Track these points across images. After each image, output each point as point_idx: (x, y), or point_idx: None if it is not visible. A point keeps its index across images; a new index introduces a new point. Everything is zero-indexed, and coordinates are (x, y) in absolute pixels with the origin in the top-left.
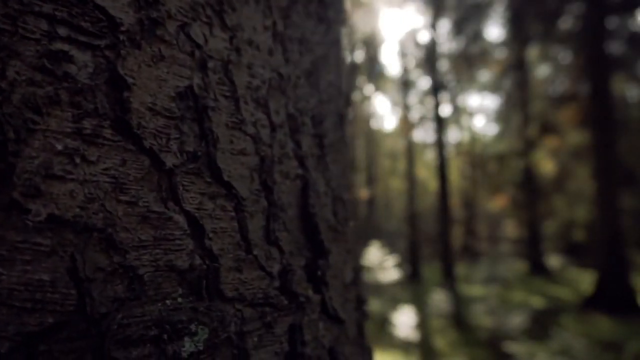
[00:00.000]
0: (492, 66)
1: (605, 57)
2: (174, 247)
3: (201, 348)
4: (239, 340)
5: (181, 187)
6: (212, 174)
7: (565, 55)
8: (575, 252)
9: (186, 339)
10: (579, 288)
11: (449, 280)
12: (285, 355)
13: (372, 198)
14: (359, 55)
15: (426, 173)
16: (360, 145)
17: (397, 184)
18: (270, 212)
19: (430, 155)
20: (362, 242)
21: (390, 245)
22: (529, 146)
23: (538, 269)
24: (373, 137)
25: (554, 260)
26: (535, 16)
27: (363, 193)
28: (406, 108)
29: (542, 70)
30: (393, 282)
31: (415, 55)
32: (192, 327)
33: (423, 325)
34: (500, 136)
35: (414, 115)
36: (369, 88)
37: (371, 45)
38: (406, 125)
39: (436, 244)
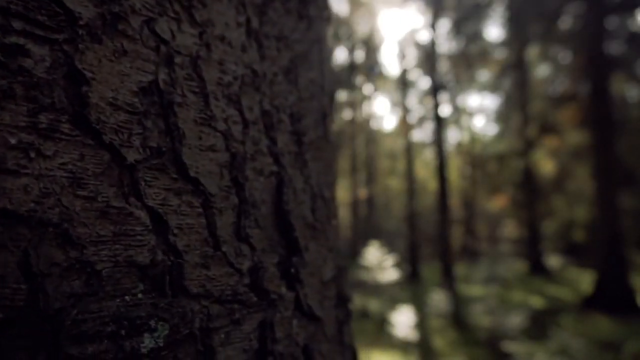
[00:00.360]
0: (491, 66)
1: (605, 56)
2: (134, 243)
3: (161, 344)
4: (204, 337)
5: (143, 183)
6: (178, 169)
7: (565, 55)
8: (575, 252)
9: (146, 335)
10: (578, 288)
11: (448, 280)
12: (255, 353)
13: (371, 198)
14: (359, 55)
15: (426, 173)
16: (359, 145)
17: (396, 184)
18: (241, 209)
19: (429, 155)
20: (362, 241)
21: (389, 245)
22: (528, 146)
23: (538, 269)
24: (373, 137)
25: (553, 260)
26: (535, 16)
27: (362, 193)
28: (405, 108)
29: (541, 70)
30: (392, 282)
31: (414, 55)
32: (152, 323)
33: (422, 325)
34: (499, 136)
35: (414, 115)
36: (368, 88)
37: (371, 45)
38: (405, 125)
39: (436, 244)
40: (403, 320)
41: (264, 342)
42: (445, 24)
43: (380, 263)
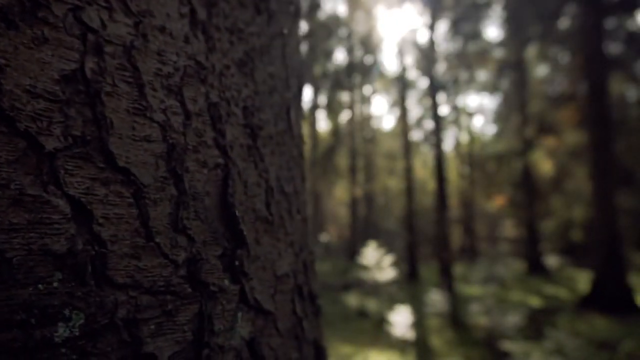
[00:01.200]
0: (489, 66)
1: (603, 56)
2: (50, 231)
3: (77, 334)
4: (130, 327)
5: (63, 171)
6: (105, 159)
7: (563, 55)
8: (573, 252)
9: (60, 324)
10: (576, 288)
11: (446, 279)
12: (189, 344)
13: (370, 198)
14: (358, 55)
15: (425, 173)
16: (358, 145)
17: (395, 184)
18: (179, 200)
19: (429, 155)
20: (361, 241)
21: (389, 244)
22: (527, 146)
23: (536, 268)
24: (371, 137)
25: (552, 260)
26: (533, 16)
27: (360, 192)
28: (404, 108)
29: (540, 70)
30: (391, 282)
31: (413, 55)
32: (66, 312)
33: (420, 324)
34: (498, 136)
35: (412, 115)
36: (367, 88)
37: (370, 45)
38: (404, 125)
39: (435, 244)
40: (401, 320)
41: (200, 333)
42: (443, 24)
43: (378, 263)
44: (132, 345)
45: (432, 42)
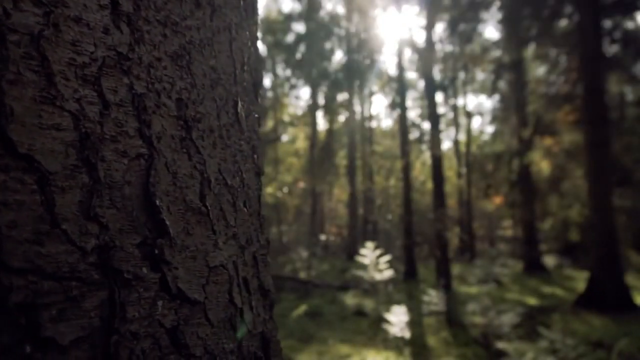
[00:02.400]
0: (486, 66)
1: (600, 56)
2: None
3: None
4: (28, 312)
5: None
6: (4, 145)
7: (561, 56)
8: (572, 252)
9: None
10: (574, 287)
11: (444, 279)
12: (95, 330)
13: (369, 198)
14: (357, 56)
15: (424, 173)
16: (357, 144)
17: (394, 184)
18: (93, 189)
19: (428, 155)
20: (360, 241)
21: (388, 244)
22: (525, 146)
23: (534, 268)
24: (371, 137)
25: (550, 260)
26: (531, 16)
27: (356, 191)
28: (403, 108)
29: (537, 71)
30: (389, 282)
31: (411, 55)
32: None
33: (417, 323)
34: (496, 136)
35: (412, 115)
36: (366, 88)
37: (369, 45)
38: (403, 125)
39: (433, 244)
40: (398, 319)
41: (109, 320)
42: (441, 24)
43: (376, 262)
44: (29, 330)
45: (429, 43)
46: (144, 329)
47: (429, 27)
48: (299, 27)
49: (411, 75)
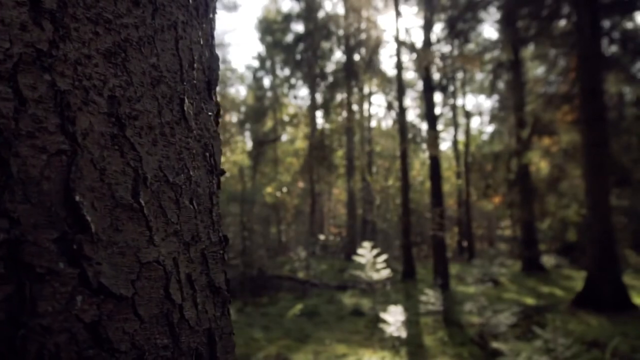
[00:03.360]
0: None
1: (598, 56)
2: None
3: None
4: None
5: None
6: None
7: (560, 55)
8: (570, 251)
9: None
10: (572, 287)
11: (441, 279)
12: (0, 323)
13: (368, 197)
14: (355, 55)
15: (423, 173)
16: (356, 144)
17: (393, 184)
18: (5, 184)
19: (427, 155)
20: (359, 241)
21: (387, 244)
22: (523, 146)
23: (532, 268)
24: (370, 137)
25: (548, 260)
26: (529, 16)
27: (355, 191)
28: (401, 108)
29: (536, 70)
30: (386, 281)
31: (409, 55)
32: None
33: (414, 323)
34: (495, 136)
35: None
36: (364, 88)
37: (367, 45)
38: (401, 125)
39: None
40: (394, 319)
41: (17, 314)
42: (439, 24)
43: (373, 262)
44: None
45: (427, 43)
46: (59, 323)
47: (427, 27)
48: (298, 27)
49: (410, 75)
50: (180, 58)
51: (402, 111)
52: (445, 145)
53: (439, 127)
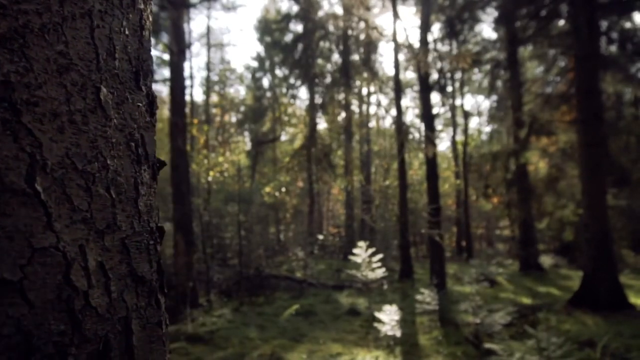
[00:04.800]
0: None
1: (595, 55)
2: None
3: None
4: None
5: None
6: None
7: (559, 55)
8: (568, 251)
9: None
10: (569, 286)
11: (437, 278)
12: None
13: (367, 197)
14: (353, 55)
15: (422, 172)
16: (355, 144)
17: (391, 183)
18: None
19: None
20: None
21: (385, 244)
22: (521, 146)
23: (530, 267)
24: (368, 136)
25: (546, 259)
26: (527, 16)
27: (353, 191)
28: (399, 108)
29: (534, 70)
30: (384, 281)
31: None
32: None
33: (409, 322)
34: (493, 136)
35: (410, 114)
36: (364, 88)
37: (366, 45)
38: (399, 125)
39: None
40: (390, 318)
41: None
42: (438, 24)
43: (368, 261)
44: None
45: (424, 42)
46: None
47: (424, 27)
48: (297, 27)
49: (410, 75)
50: (96, 46)
51: (399, 111)
52: (444, 145)
53: (438, 127)
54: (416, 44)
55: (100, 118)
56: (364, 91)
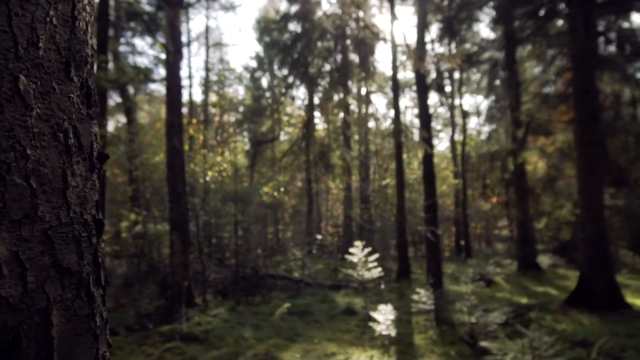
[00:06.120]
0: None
1: (591, 55)
2: None
3: None
4: None
5: None
6: None
7: (557, 55)
8: (567, 251)
9: None
10: (566, 286)
11: (434, 278)
12: None
13: (365, 197)
14: (352, 56)
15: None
16: (354, 144)
17: (391, 183)
18: None
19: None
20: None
21: (384, 243)
22: (518, 146)
23: (528, 267)
24: (367, 136)
25: (545, 259)
26: (526, 15)
27: (352, 191)
28: (397, 108)
29: (532, 70)
30: (381, 280)
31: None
32: None
33: (405, 322)
34: (492, 136)
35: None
36: (362, 88)
37: (364, 45)
38: (397, 125)
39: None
40: (385, 318)
41: None
42: (436, 24)
43: (364, 261)
44: None
45: (421, 42)
46: None
47: (421, 26)
48: (296, 27)
49: (410, 75)
50: (14, 35)
51: (397, 111)
52: (443, 145)
53: (438, 127)
54: (414, 44)
55: (18, 107)
56: (363, 91)
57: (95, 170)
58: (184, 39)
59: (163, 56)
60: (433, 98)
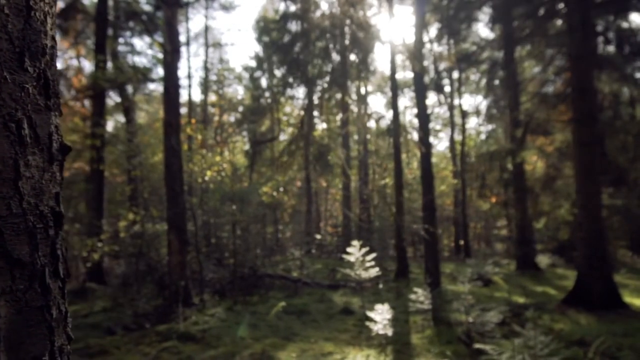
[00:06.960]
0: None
1: (589, 55)
2: None
3: None
4: None
5: None
6: None
7: (556, 55)
8: (565, 251)
9: None
10: (565, 286)
11: (432, 277)
12: None
13: (364, 197)
14: (351, 56)
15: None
16: (353, 144)
17: (390, 183)
18: None
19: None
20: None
21: (383, 243)
22: (517, 145)
23: (527, 267)
24: (366, 136)
25: (543, 259)
26: (524, 15)
27: (351, 190)
28: (396, 107)
29: (531, 70)
30: (380, 280)
31: (403, 55)
32: None
33: (402, 322)
34: (490, 135)
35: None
36: (362, 88)
37: (364, 45)
38: (396, 125)
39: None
40: (382, 317)
41: None
42: (434, 24)
43: (362, 261)
44: None
45: (419, 42)
46: None
47: (419, 26)
48: (295, 27)
49: (409, 75)
50: None
51: (396, 110)
52: (442, 145)
53: (437, 127)
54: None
55: None
56: (362, 91)
57: (55, 162)
58: (183, 38)
59: (161, 56)
60: (432, 98)
